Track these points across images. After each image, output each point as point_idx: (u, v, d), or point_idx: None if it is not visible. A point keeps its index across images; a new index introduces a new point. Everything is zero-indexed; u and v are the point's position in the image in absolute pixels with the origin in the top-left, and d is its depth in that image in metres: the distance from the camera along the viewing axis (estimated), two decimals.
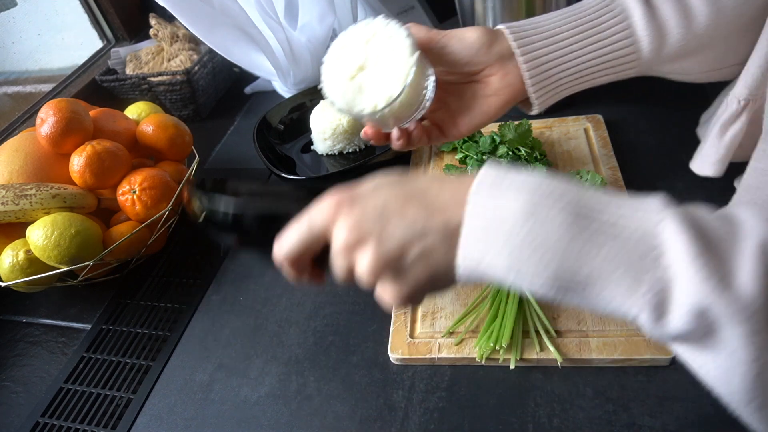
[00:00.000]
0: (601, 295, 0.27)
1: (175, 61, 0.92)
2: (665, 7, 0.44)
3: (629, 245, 0.26)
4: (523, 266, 0.28)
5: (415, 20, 0.94)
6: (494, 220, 0.28)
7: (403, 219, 0.30)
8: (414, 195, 0.31)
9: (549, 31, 0.44)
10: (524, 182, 0.28)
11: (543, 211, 0.27)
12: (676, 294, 0.25)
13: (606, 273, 0.26)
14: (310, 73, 0.90)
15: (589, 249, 0.26)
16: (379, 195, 0.31)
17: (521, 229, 0.27)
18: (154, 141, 0.68)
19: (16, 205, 0.57)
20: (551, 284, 0.28)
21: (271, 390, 0.51)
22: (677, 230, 0.26)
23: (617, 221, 0.27)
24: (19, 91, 0.90)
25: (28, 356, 0.60)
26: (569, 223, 0.27)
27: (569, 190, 0.28)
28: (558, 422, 0.44)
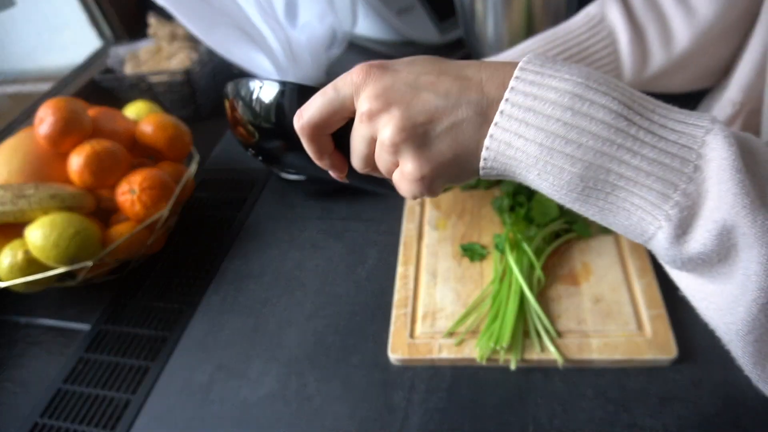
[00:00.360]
0: (626, 203, 0.25)
1: (174, 61, 0.92)
2: (650, 31, 0.46)
3: (672, 149, 0.24)
4: (553, 157, 0.25)
5: (416, 20, 0.94)
6: (537, 98, 0.25)
7: (436, 89, 0.28)
8: (450, 70, 0.28)
9: None
10: (575, 67, 0.26)
11: (592, 94, 0.25)
12: (706, 209, 0.24)
13: (640, 176, 0.25)
14: (310, 73, 0.89)
15: (631, 145, 0.24)
16: (413, 66, 0.29)
17: (564, 113, 0.25)
18: (154, 141, 0.68)
19: (15, 205, 0.57)
20: (576, 184, 0.26)
21: (271, 390, 0.51)
22: (725, 142, 0.24)
23: (666, 123, 0.25)
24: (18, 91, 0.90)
25: (27, 357, 0.60)
26: (617, 113, 0.25)
27: (618, 85, 0.26)
28: (558, 423, 0.44)
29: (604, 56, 0.46)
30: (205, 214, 0.74)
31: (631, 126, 0.25)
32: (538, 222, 0.56)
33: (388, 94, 0.28)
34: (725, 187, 0.23)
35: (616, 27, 0.45)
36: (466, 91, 0.27)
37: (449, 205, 0.65)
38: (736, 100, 0.45)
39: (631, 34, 0.45)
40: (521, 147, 0.26)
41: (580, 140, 0.25)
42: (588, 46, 0.46)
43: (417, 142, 0.28)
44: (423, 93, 0.28)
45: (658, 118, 0.25)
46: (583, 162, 0.25)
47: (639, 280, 0.51)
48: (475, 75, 0.28)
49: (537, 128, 0.25)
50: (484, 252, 0.58)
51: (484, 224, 0.62)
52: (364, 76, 0.29)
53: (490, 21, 0.76)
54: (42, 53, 0.93)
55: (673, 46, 0.45)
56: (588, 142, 0.25)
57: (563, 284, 0.53)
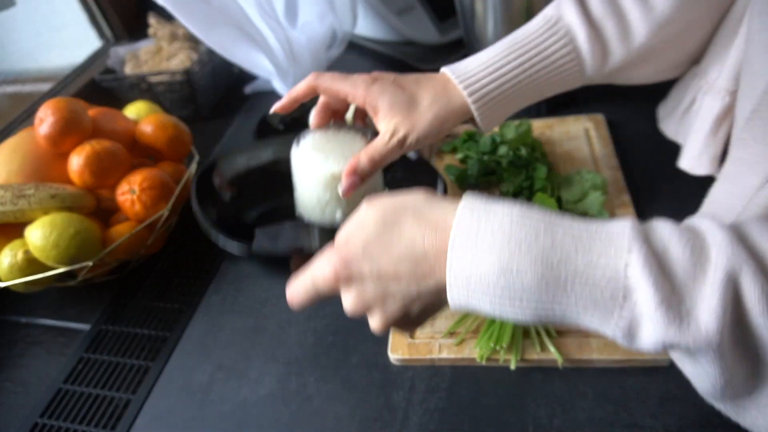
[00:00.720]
0: (578, 324, 0.30)
1: (174, 61, 0.92)
2: (608, 26, 0.46)
3: (597, 290, 0.28)
4: (504, 311, 0.31)
5: (416, 20, 0.94)
6: (472, 276, 0.31)
7: (398, 284, 0.34)
8: (403, 255, 0.33)
9: (497, 69, 0.47)
10: (495, 232, 0.31)
11: (515, 264, 0.30)
12: (644, 330, 0.28)
13: (579, 312, 0.29)
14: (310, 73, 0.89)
15: (561, 294, 0.29)
16: (369, 260, 0.34)
17: (497, 283, 0.30)
18: (154, 141, 0.68)
19: (15, 205, 0.57)
20: (532, 320, 0.31)
21: (271, 390, 0.51)
22: (642, 274, 0.27)
23: (585, 269, 0.29)
24: (18, 91, 0.90)
25: (27, 357, 0.60)
26: (540, 274, 0.29)
27: (540, 234, 0.30)
28: (558, 423, 0.44)
29: (564, 55, 0.47)
30: None
31: (556, 280, 0.29)
32: None
33: (364, 297, 0.35)
34: (653, 319, 0.27)
35: (573, 25, 0.46)
36: (422, 283, 0.33)
37: None
38: (731, 88, 0.45)
39: (588, 30, 0.46)
40: (476, 306, 0.32)
41: (521, 296, 0.30)
42: (547, 47, 0.47)
43: (398, 325, 0.36)
44: (390, 288, 0.34)
45: (576, 266, 0.29)
46: (529, 309, 0.30)
47: None
48: (424, 254, 0.33)
49: (482, 295, 0.31)
50: None
51: None
52: (336, 279, 0.35)
53: (490, 21, 0.76)
54: (42, 53, 0.93)
55: (632, 41, 0.46)
56: (528, 296, 0.30)
57: None
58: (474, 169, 0.66)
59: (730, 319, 0.26)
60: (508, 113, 0.50)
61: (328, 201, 0.49)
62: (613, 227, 0.30)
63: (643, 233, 0.29)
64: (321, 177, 0.48)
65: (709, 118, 0.47)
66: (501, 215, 0.31)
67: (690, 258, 0.28)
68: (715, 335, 0.26)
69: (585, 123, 0.72)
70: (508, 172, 0.63)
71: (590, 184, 0.59)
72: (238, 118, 0.93)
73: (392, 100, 0.47)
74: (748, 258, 0.27)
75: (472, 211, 0.33)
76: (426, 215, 0.34)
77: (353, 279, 0.34)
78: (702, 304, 0.27)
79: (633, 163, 0.64)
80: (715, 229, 0.28)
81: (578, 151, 0.68)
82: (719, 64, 0.48)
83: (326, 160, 0.47)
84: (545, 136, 0.71)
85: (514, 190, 0.61)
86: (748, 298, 0.26)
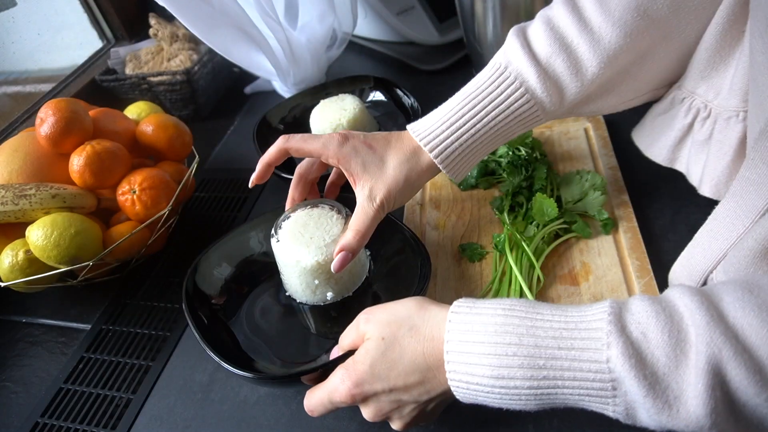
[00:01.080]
0: (584, 408, 0.33)
1: (174, 61, 0.92)
2: (557, 64, 0.46)
3: (587, 384, 0.31)
4: (510, 406, 0.34)
5: (416, 21, 0.94)
6: (471, 384, 0.34)
7: (410, 394, 0.37)
8: (408, 370, 0.37)
9: (453, 123, 0.48)
10: (481, 341, 0.34)
11: (505, 371, 0.32)
12: (640, 415, 0.30)
13: (575, 401, 0.32)
14: (310, 73, 0.89)
15: (555, 390, 0.32)
16: (379, 380, 0.37)
17: (493, 389, 0.33)
18: (154, 141, 0.68)
19: (16, 205, 0.57)
20: (538, 409, 0.34)
21: (271, 390, 0.51)
22: (624, 368, 0.29)
23: (571, 365, 0.31)
24: (19, 91, 0.90)
25: (28, 356, 0.60)
26: (530, 376, 0.32)
27: (523, 337, 0.33)
28: (558, 422, 0.44)
29: (518, 98, 0.47)
30: (205, 214, 0.74)
31: (545, 380, 0.32)
32: (537, 222, 0.56)
33: (381, 411, 0.39)
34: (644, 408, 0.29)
35: (522, 68, 0.46)
36: (431, 390, 0.37)
37: (449, 206, 0.65)
38: (745, 108, 0.45)
39: (537, 71, 0.46)
40: (483, 402, 0.35)
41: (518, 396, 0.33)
42: (499, 94, 0.47)
43: (417, 422, 0.40)
44: (403, 399, 0.38)
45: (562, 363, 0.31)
46: (530, 404, 0.33)
47: (639, 280, 0.51)
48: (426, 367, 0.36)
49: (484, 398, 0.34)
50: (483, 252, 0.58)
51: (483, 224, 0.62)
52: (352, 398, 0.38)
53: (489, 21, 0.76)
54: (43, 54, 0.93)
55: (585, 74, 0.46)
56: (525, 396, 0.33)
57: (563, 284, 0.53)
58: (473, 170, 0.66)
59: (721, 402, 0.27)
60: (477, 160, 0.52)
61: (318, 285, 0.51)
62: (590, 318, 0.32)
63: (619, 322, 0.30)
64: (308, 267, 0.49)
65: (732, 142, 0.46)
66: (486, 321, 0.34)
67: (669, 342, 0.29)
68: (705, 419, 0.27)
69: (584, 123, 0.72)
70: (508, 172, 0.63)
71: (590, 184, 0.59)
72: (238, 118, 0.94)
73: (364, 161, 0.49)
74: (726, 340, 0.27)
75: (460, 318, 0.36)
76: (421, 330, 0.37)
77: (368, 396, 0.38)
78: (688, 390, 0.28)
79: (632, 163, 0.64)
80: (694, 309, 0.29)
81: (578, 151, 0.68)
82: (711, 86, 0.47)
83: (308, 248, 0.49)
84: (545, 136, 0.71)
85: (513, 190, 0.61)
86: (735, 381, 0.27)
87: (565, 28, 0.46)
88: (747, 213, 0.37)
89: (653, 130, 0.55)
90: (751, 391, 0.27)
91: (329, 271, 0.49)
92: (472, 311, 0.36)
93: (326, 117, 0.74)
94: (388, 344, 0.37)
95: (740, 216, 0.38)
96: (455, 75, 0.91)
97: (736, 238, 0.38)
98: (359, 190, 0.49)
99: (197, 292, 0.53)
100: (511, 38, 0.48)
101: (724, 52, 0.45)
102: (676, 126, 0.51)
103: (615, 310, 0.31)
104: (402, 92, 0.79)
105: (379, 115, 0.81)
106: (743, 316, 0.28)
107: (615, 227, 0.57)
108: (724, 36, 0.44)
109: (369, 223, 0.48)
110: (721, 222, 0.40)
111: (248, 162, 0.82)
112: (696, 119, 0.49)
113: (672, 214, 0.59)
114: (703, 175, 0.49)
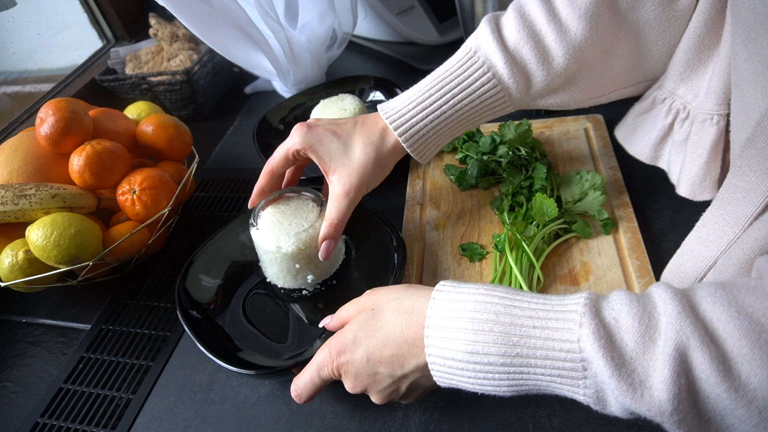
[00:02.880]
0: (554, 393, 0.33)
1: (174, 61, 0.92)
2: (525, 51, 0.47)
3: (558, 363, 0.31)
4: (483, 388, 0.35)
5: (416, 21, 0.94)
6: (447, 359, 0.35)
7: (384, 366, 0.38)
8: (386, 341, 0.38)
9: (420, 104, 0.49)
10: (461, 317, 0.34)
11: (480, 346, 0.33)
12: (609, 397, 0.31)
13: (548, 383, 0.32)
14: (310, 73, 0.89)
15: (526, 369, 0.32)
16: (360, 348, 0.39)
17: (467, 364, 0.34)
18: (154, 141, 0.68)
19: (16, 205, 0.57)
20: (512, 394, 0.34)
21: (271, 390, 0.51)
22: (593, 347, 0.30)
23: (543, 343, 0.32)
24: (19, 91, 0.90)
25: (28, 356, 0.60)
26: (503, 352, 0.33)
27: (500, 314, 0.33)
28: (558, 422, 0.44)
29: (485, 83, 0.48)
30: (205, 214, 0.74)
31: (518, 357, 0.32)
32: (537, 222, 0.56)
33: (359, 379, 0.39)
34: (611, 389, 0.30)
35: (491, 53, 0.47)
36: (406, 363, 0.37)
37: (449, 206, 0.65)
38: (723, 111, 0.45)
39: (505, 57, 0.47)
40: (458, 384, 0.36)
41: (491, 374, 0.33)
42: (467, 77, 0.48)
43: (393, 400, 0.41)
44: (379, 370, 0.38)
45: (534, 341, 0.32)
46: (503, 384, 0.34)
47: (639, 280, 0.51)
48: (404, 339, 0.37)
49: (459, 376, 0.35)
50: (483, 252, 0.58)
51: (483, 224, 0.62)
52: (335, 366, 0.40)
53: None
54: (43, 53, 0.93)
55: (551, 64, 0.47)
56: (498, 373, 0.33)
57: (563, 284, 0.53)
58: (473, 170, 0.66)
59: (685, 389, 0.28)
60: (442, 144, 0.52)
61: (299, 269, 0.53)
62: (569, 302, 0.32)
63: (594, 306, 0.31)
64: (288, 254, 0.52)
65: (705, 144, 0.46)
66: (467, 299, 0.35)
67: (639, 328, 0.29)
68: (668, 404, 0.28)
69: (584, 123, 0.72)
70: (508, 172, 0.63)
71: (590, 184, 0.59)
72: (238, 118, 0.94)
73: (329, 149, 0.50)
74: (695, 329, 0.28)
75: (443, 296, 0.36)
76: (404, 303, 0.38)
77: (348, 365, 0.39)
78: (654, 375, 0.28)
79: (632, 163, 0.64)
80: (668, 299, 0.30)
81: (577, 151, 0.68)
82: (690, 87, 0.48)
83: (288, 236, 0.51)
84: (545, 136, 0.71)
85: (513, 190, 0.61)
86: (698, 369, 0.28)
87: (534, 17, 0.47)
88: (735, 220, 0.38)
89: (635, 128, 0.56)
90: (713, 380, 0.27)
91: (308, 256, 0.52)
92: (456, 290, 0.37)
93: (326, 117, 0.74)
94: (375, 315, 0.39)
95: (729, 223, 0.38)
96: None
97: (725, 245, 0.39)
98: (330, 178, 0.51)
99: (189, 298, 0.55)
100: (483, 24, 0.49)
101: (703, 55, 0.46)
102: (657, 126, 0.52)
103: (593, 297, 0.32)
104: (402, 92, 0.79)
105: None
106: (713, 310, 0.29)
107: (615, 227, 0.57)
108: (701, 39, 0.45)
109: (343, 211, 0.50)
110: (710, 229, 0.40)
111: (248, 162, 0.82)
112: (676, 120, 0.50)
113: (672, 214, 0.59)
114: (681, 175, 0.50)
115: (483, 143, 0.67)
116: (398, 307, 0.38)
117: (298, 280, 0.54)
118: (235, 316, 0.55)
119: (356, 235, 0.60)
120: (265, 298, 0.57)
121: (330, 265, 0.56)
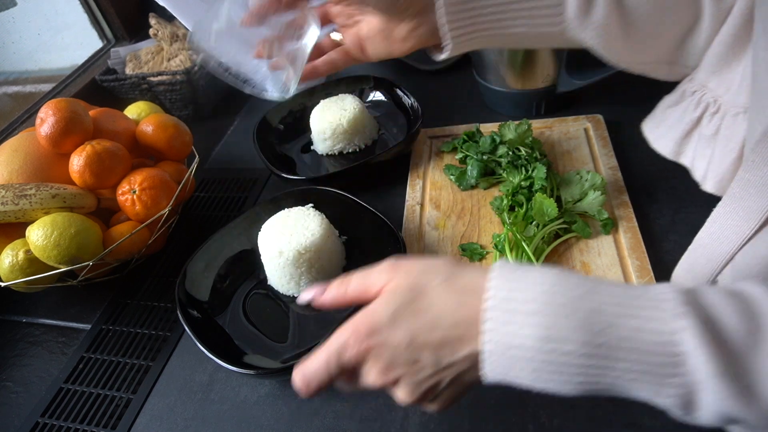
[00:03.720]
0: (629, 395, 0.29)
1: (174, 61, 0.92)
2: None
3: (647, 357, 0.27)
4: (547, 384, 0.29)
5: None
6: (511, 347, 0.29)
7: (429, 352, 0.31)
8: (435, 323, 0.31)
9: None
10: (533, 298, 0.29)
11: (557, 332, 0.28)
12: (704, 400, 0.26)
13: (628, 381, 0.28)
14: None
15: (607, 363, 0.28)
16: (400, 328, 0.32)
17: (538, 353, 0.28)
18: (154, 141, 0.68)
19: (16, 205, 0.57)
20: (577, 392, 0.29)
21: (271, 390, 0.51)
22: (697, 344, 0.26)
23: (633, 335, 0.27)
24: (19, 91, 0.90)
25: (28, 356, 0.60)
26: (584, 341, 0.28)
27: (582, 299, 0.28)
28: (558, 422, 0.44)
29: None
30: (205, 214, 0.74)
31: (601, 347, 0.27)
32: (537, 222, 0.56)
33: (394, 372, 0.32)
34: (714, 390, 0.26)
35: None
36: (455, 350, 0.31)
37: (449, 206, 0.65)
38: None
39: None
40: (515, 378, 0.30)
41: (565, 366, 0.28)
42: None
43: (425, 398, 0.33)
44: (421, 358, 0.31)
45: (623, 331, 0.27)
46: (574, 380, 0.28)
47: (638, 280, 0.51)
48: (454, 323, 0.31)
49: (522, 367, 0.29)
50: (483, 252, 0.58)
51: (483, 224, 0.62)
52: (362, 349, 0.32)
53: None
54: (43, 54, 0.93)
55: None
56: (573, 366, 0.28)
57: None
58: (473, 170, 0.66)
59: None
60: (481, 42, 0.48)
61: (302, 274, 0.55)
62: (656, 291, 0.28)
63: (690, 297, 0.27)
64: (290, 258, 0.53)
65: (738, 139, 0.44)
66: (537, 280, 0.30)
67: (744, 326, 0.26)
68: None
69: (584, 123, 0.72)
70: (508, 172, 0.63)
71: (590, 184, 0.59)
72: (238, 118, 0.94)
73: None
74: None
75: (506, 274, 0.31)
76: (457, 280, 0.32)
77: (381, 347, 0.32)
78: (764, 374, 0.25)
79: (632, 163, 0.64)
80: (759, 295, 0.27)
81: (577, 151, 0.68)
82: (722, 80, 0.46)
83: (289, 240, 0.54)
84: (545, 136, 0.71)
85: (513, 190, 0.61)
86: None
87: None
88: (750, 215, 0.37)
89: (662, 121, 0.54)
90: None
91: (310, 260, 0.54)
92: (522, 268, 0.31)
93: (326, 117, 0.74)
94: (417, 293, 0.32)
95: (744, 218, 0.37)
96: (455, 75, 0.91)
97: (741, 241, 0.38)
98: None
99: (189, 298, 0.55)
100: None
101: (738, 47, 0.44)
102: (685, 119, 0.50)
103: (681, 288, 0.28)
104: (402, 92, 0.79)
105: (379, 115, 0.81)
106: None
107: (615, 227, 0.57)
108: (739, 31, 0.43)
109: None
110: (723, 225, 0.39)
111: (248, 162, 0.82)
112: (705, 113, 0.49)
113: (672, 214, 0.59)
114: (708, 171, 0.49)
115: (483, 143, 0.67)
116: (450, 285, 0.32)
117: (301, 287, 0.55)
118: (235, 316, 0.55)
119: (356, 235, 0.60)
120: (265, 298, 0.57)
121: (331, 270, 0.57)
